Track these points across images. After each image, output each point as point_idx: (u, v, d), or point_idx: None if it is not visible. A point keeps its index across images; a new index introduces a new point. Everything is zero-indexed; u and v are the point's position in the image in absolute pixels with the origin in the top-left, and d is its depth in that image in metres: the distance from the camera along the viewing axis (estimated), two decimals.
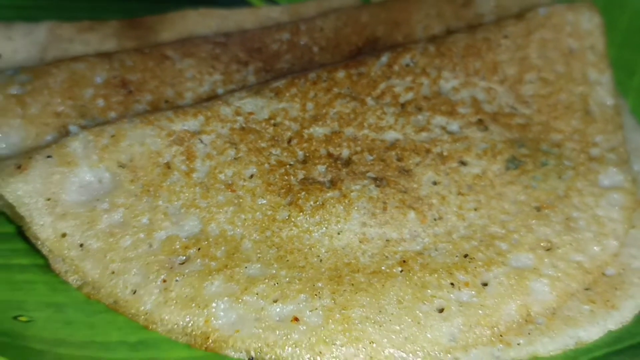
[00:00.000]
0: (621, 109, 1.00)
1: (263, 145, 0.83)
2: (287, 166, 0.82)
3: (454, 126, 0.88)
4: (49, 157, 0.78)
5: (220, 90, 0.94)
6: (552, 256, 0.78)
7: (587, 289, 0.78)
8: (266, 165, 0.81)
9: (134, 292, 0.72)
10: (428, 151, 0.85)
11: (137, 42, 1.05)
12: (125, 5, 1.17)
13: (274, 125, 0.85)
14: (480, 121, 0.89)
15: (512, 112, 0.91)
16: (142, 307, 0.72)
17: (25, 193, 0.76)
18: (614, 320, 0.76)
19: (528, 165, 0.86)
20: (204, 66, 0.96)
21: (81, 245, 0.75)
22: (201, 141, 0.82)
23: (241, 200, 0.78)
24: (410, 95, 0.90)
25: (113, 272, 0.73)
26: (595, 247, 0.80)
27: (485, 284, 0.75)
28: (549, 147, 0.89)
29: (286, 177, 0.81)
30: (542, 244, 0.79)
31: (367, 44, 1.04)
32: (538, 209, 0.82)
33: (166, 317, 0.71)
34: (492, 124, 0.89)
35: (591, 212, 0.83)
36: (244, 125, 0.84)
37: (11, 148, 0.85)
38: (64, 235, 0.75)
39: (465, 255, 0.77)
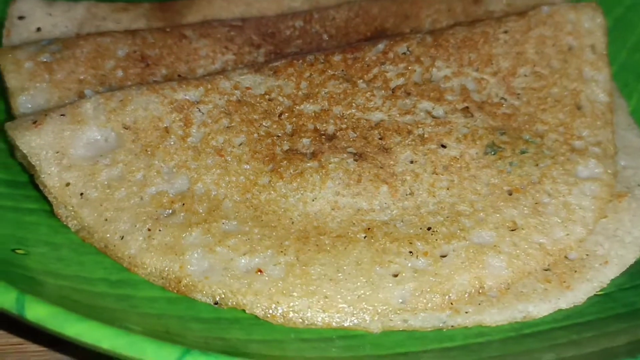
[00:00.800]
0: (617, 107, 1.02)
1: (255, 117, 0.90)
2: (275, 137, 0.88)
3: (439, 111, 0.93)
4: (62, 115, 0.88)
5: (229, 69, 1.02)
6: (515, 236, 0.83)
7: (546, 270, 0.82)
8: (255, 135, 0.88)
9: (122, 238, 0.81)
10: (410, 132, 0.90)
11: (164, 24, 1.14)
12: None
13: (269, 100, 0.92)
14: (466, 108, 0.94)
15: (500, 102, 0.95)
16: (127, 252, 0.80)
17: (38, 145, 0.85)
18: (567, 300, 0.80)
19: (506, 151, 0.90)
20: (218, 46, 1.05)
21: (81, 194, 0.84)
22: (199, 110, 0.90)
23: (228, 164, 0.86)
24: (401, 81, 0.96)
25: (106, 220, 0.82)
26: (560, 232, 0.84)
27: (443, 256, 0.80)
28: (532, 136, 0.92)
29: (272, 147, 0.87)
30: (507, 224, 0.84)
31: (374, 34, 1.10)
32: (509, 192, 0.87)
33: (147, 262, 0.79)
34: (478, 111, 0.94)
35: (562, 199, 0.87)
36: (240, 98, 0.92)
37: (36, 108, 0.95)
38: (67, 184, 0.84)
39: (429, 228, 0.82)
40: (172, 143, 0.87)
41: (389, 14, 1.12)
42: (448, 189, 0.86)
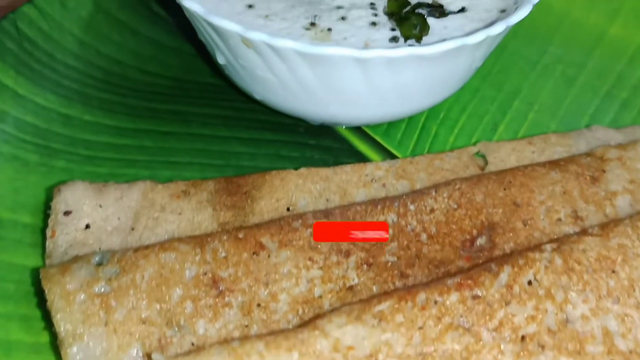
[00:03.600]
0: None
1: None
2: None
3: None
4: None
5: (317, 290, 0.86)
6: None
7: None
8: None
9: None
10: None
11: (233, 212, 0.98)
12: (226, 147, 1.13)
13: None
14: None
15: None
16: None
17: None
18: None
19: None
20: (301, 258, 0.88)
21: None
22: None
23: None
24: (532, 328, 0.79)
25: None
26: None
27: None
28: None
29: None
30: None
31: (482, 232, 0.93)
32: None
33: None
34: None
35: None
36: None
37: None
38: None
39: None
40: None
41: (496, 202, 0.95)
42: None
